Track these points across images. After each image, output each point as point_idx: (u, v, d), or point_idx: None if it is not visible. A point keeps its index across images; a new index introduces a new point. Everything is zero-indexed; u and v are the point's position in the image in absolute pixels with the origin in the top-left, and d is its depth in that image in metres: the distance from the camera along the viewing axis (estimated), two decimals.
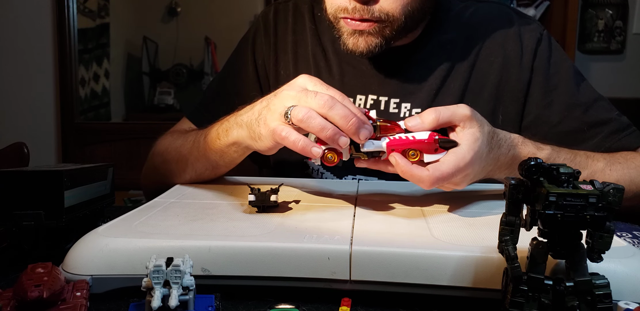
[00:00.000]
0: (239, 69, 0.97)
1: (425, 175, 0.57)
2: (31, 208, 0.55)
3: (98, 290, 0.47)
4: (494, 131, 0.64)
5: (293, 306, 0.43)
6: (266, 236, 0.51)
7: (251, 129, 0.63)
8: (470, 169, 0.59)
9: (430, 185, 0.57)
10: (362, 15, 0.73)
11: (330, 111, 0.56)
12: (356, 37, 0.76)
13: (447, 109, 0.60)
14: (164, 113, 2.74)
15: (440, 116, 0.59)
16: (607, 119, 0.85)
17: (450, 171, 0.57)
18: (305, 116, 0.56)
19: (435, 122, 0.59)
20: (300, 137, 0.57)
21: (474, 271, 0.45)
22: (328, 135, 0.56)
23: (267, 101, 0.63)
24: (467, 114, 0.60)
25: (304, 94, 0.58)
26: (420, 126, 0.59)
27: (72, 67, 2.42)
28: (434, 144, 0.58)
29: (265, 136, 0.61)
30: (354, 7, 0.73)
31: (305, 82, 0.62)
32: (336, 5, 0.76)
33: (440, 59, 0.87)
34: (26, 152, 1.42)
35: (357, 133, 0.57)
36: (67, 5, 2.38)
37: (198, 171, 0.79)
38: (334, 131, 0.56)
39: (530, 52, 0.86)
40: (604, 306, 0.37)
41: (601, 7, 2.54)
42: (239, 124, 0.66)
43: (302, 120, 0.56)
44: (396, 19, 0.75)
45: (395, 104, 0.87)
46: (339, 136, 0.56)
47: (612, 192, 0.37)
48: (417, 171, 0.57)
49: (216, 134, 0.71)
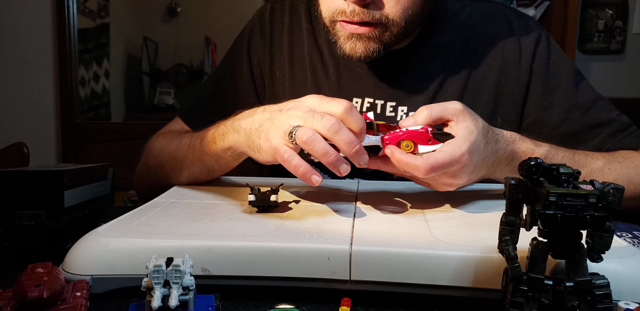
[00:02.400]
0: (233, 68, 0.96)
1: (420, 162, 0.57)
2: (31, 208, 0.55)
3: (98, 290, 0.47)
4: (489, 126, 0.65)
5: (293, 306, 0.43)
6: (266, 236, 0.51)
7: (250, 139, 0.62)
8: (466, 159, 0.59)
9: (425, 172, 0.57)
10: (362, 19, 0.72)
11: (336, 135, 0.56)
12: (354, 41, 0.74)
13: (438, 105, 0.61)
14: (164, 113, 2.74)
15: (432, 111, 0.60)
16: (608, 119, 0.84)
17: (445, 159, 0.57)
18: (310, 138, 0.55)
19: (428, 119, 0.60)
20: (302, 163, 0.56)
21: (474, 271, 0.45)
22: (330, 161, 0.56)
23: (269, 114, 0.61)
24: (459, 108, 0.61)
25: (311, 115, 0.57)
26: (414, 125, 0.60)
27: (72, 67, 2.42)
28: (427, 134, 0.59)
29: (265, 151, 0.60)
30: (352, 10, 0.71)
31: (313, 102, 0.60)
32: (333, 8, 0.74)
33: (437, 62, 0.86)
34: (26, 152, 1.42)
35: (359, 158, 0.57)
36: (67, 5, 2.38)
37: (194, 175, 0.78)
38: (336, 157, 0.56)
39: (528, 54, 0.86)
40: (604, 306, 0.37)
41: (601, 7, 2.54)
42: (235, 129, 0.65)
43: (306, 142, 0.55)
44: (396, 23, 0.73)
45: (391, 108, 0.86)
46: (340, 163, 0.56)
47: (612, 192, 0.37)
48: (411, 159, 0.57)
49: (212, 137, 0.70)
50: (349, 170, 0.56)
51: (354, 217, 0.58)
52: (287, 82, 0.91)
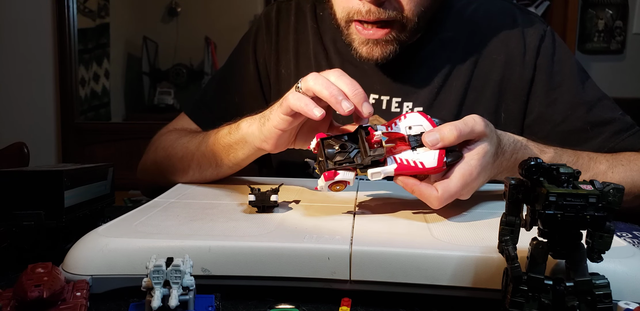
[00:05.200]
0: (240, 67, 0.97)
1: (434, 197, 0.56)
2: (31, 208, 0.55)
3: (98, 290, 0.47)
4: (499, 138, 0.63)
5: (293, 306, 0.43)
6: (266, 236, 0.51)
7: (263, 116, 0.65)
8: (476, 183, 0.59)
9: (439, 206, 0.57)
10: (378, 17, 0.74)
11: (338, 79, 0.59)
12: (370, 46, 0.77)
13: (465, 126, 0.57)
14: (164, 113, 2.74)
15: (460, 134, 0.57)
16: (611, 118, 0.84)
17: (458, 190, 0.57)
18: (313, 77, 0.59)
19: (455, 141, 0.57)
20: (304, 97, 0.58)
21: (474, 271, 0.45)
22: (332, 93, 0.57)
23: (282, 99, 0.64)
24: (482, 131, 0.58)
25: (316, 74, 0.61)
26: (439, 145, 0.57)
27: (72, 67, 2.42)
28: (441, 169, 0.57)
29: (274, 114, 0.62)
30: (368, 10, 0.73)
31: None
32: (349, 8, 0.75)
33: (442, 58, 0.87)
34: (26, 152, 1.42)
35: (361, 104, 0.58)
36: (67, 5, 2.38)
37: (202, 168, 0.78)
38: (338, 91, 0.57)
39: (533, 50, 0.86)
40: (604, 306, 0.37)
41: (601, 7, 2.54)
42: (252, 118, 0.68)
43: (308, 81, 0.59)
44: (410, 20, 0.75)
45: (397, 103, 0.87)
46: (342, 98, 0.57)
47: (612, 192, 0.37)
48: (426, 192, 0.57)
49: (228, 129, 0.73)
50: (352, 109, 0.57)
51: (354, 217, 0.58)
52: (292, 80, 0.92)
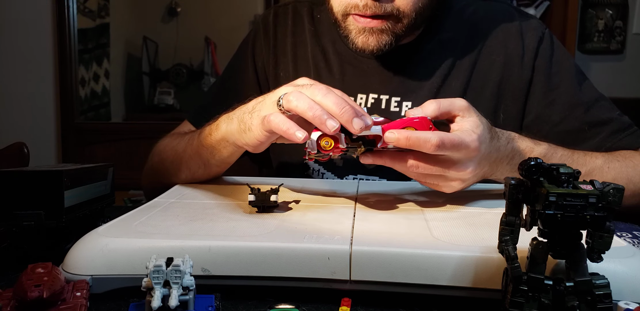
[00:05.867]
0: (239, 72, 0.98)
1: (432, 134, 0.56)
2: (31, 208, 0.55)
3: (98, 290, 0.47)
4: (489, 125, 0.65)
5: (293, 306, 0.43)
6: (266, 236, 0.51)
7: (242, 122, 0.62)
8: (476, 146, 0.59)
9: (436, 144, 0.56)
10: (375, 12, 0.74)
11: (324, 98, 0.55)
12: (366, 35, 0.77)
13: (446, 100, 0.62)
14: (164, 113, 2.74)
15: (440, 105, 0.61)
16: (608, 118, 0.85)
17: (456, 139, 0.57)
18: (295, 97, 0.55)
19: (436, 111, 0.61)
20: (287, 121, 0.55)
21: (474, 271, 0.45)
22: (316, 114, 0.54)
23: (262, 97, 0.63)
24: (465, 105, 0.62)
25: (301, 86, 0.59)
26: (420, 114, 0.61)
27: (72, 67, 2.42)
28: (427, 122, 0.59)
29: (255, 126, 0.60)
30: (365, 4, 0.74)
31: (303, 81, 0.62)
32: (346, 2, 0.76)
33: (441, 58, 0.87)
34: (26, 152, 1.42)
35: (350, 121, 0.54)
36: (67, 5, 2.38)
37: (192, 170, 0.79)
38: (322, 111, 0.54)
39: (531, 51, 0.86)
40: (604, 306, 0.37)
41: (601, 7, 2.54)
42: (229, 118, 0.66)
43: (291, 101, 0.55)
44: (407, 15, 0.76)
45: (396, 103, 0.87)
46: (327, 117, 0.54)
47: (612, 192, 0.37)
48: (421, 133, 0.56)
49: (209, 130, 0.72)
50: (338, 127, 0.54)
51: (354, 217, 0.58)
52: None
